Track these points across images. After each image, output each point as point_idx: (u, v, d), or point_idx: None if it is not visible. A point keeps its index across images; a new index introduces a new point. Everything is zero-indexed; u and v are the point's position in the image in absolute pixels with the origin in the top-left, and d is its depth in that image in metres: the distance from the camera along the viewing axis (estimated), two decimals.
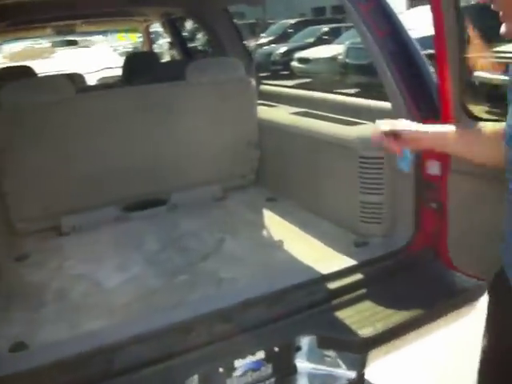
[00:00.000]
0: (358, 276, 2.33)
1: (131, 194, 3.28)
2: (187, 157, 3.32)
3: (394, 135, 1.70)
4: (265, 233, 2.95)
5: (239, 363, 1.97)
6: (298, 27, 20.26)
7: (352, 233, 2.72)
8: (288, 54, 17.19)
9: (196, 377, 1.89)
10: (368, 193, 2.63)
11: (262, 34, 20.16)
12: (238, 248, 2.73)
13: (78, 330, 2.09)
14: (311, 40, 17.71)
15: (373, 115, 2.80)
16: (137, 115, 3.13)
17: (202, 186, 3.44)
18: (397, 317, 2.14)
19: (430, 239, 2.40)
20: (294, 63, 16.33)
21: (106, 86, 4.35)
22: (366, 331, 2.06)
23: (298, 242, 2.73)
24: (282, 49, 17.89)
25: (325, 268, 2.34)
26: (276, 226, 2.99)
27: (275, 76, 15.58)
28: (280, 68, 17.27)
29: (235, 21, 4.39)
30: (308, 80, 15.31)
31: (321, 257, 2.50)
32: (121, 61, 5.44)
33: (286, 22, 21.41)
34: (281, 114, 3.39)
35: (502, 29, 1.29)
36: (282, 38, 19.89)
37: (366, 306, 2.22)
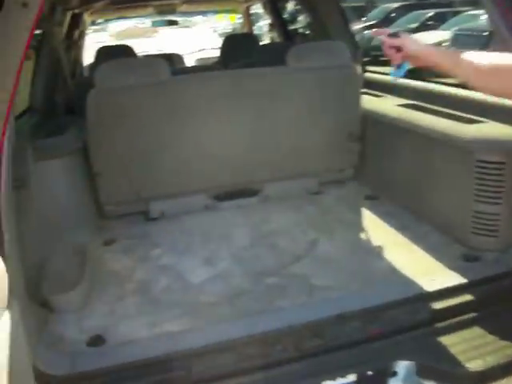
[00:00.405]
0: (468, 297, 2.06)
1: (222, 182, 3.13)
2: (283, 147, 3.12)
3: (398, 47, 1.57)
4: (363, 235, 2.70)
5: None
6: (401, 11, 19.35)
7: (461, 244, 2.42)
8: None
9: None
10: (484, 201, 2.31)
11: (362, 19, 19.57)
12: (332, 251, 2.51)
13: (157, 329, 1.98)
14: (415, 25, 16.75)
15: (495, 112, 2.50)
16: (232, 101, 2.96)
17: (297, 178, 3.24)
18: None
19: None
20: None
21: (202, 68, 4.22)
22: (474, 364, 1.82)
23: (398, 248, 2.47)
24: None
25: (429, 284, 2.10)
26: (375, 228, 2.74)
27: (375, 62, 15.03)
28: (380, 54, 16.63)
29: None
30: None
31: (424, 269, 2.24)
32: (220, 42, 5.32)
33: (389, 6, 20.52)
34: (387, 106, 3.10)
35: None
36: (384, 22, 19.03)
37: (476, 333, 1.95)
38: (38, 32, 3.38)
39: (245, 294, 2.18)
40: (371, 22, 19.34)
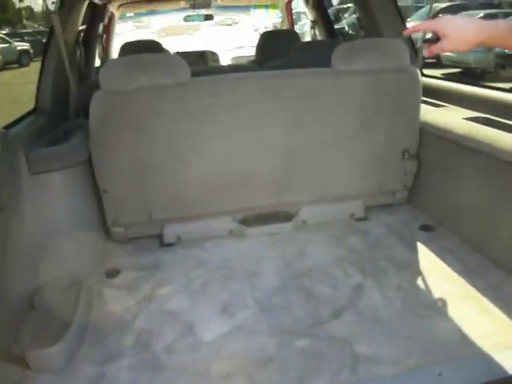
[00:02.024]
0: None
1: (250, 204, 2.65)
2: (324, 163, 2.62)
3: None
4: (420, 282, 2.16)
5: None
6: (449, 11, 18.66)
7: None
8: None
9: None
10: None
11: (408, 19, 18.85)
12: (381, 304, 1.99)
13: None
14: None
15: None
16: (262, 108, 2.45)
17: (340, 201, 2.73)
18: None
19: None
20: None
21: (233, 68, 3.72)
22: None
23: (466, 303, 1.95)
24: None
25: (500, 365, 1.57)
26: (435, 271, 2.20)
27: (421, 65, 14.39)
28: (426, 56, 15.95)
29: None
30: (456, 70, 13.89)
31: (506, 338, 1.71)
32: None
33: (437, 6, 19.80)
34: (450, 119, 2.56)
35: None
36: None
37: None
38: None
39: (269, 363, 1.69)
40: (418, 22, 18.70)
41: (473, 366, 1.61)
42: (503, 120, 2.37)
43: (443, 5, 20.30)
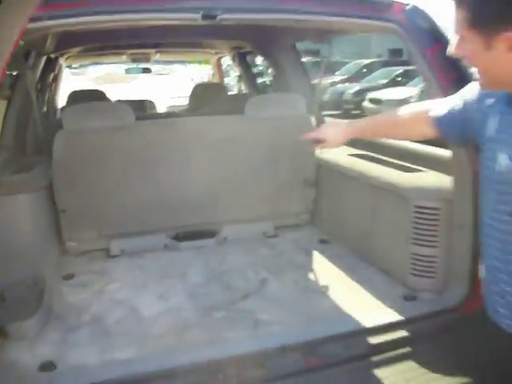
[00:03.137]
0: (403, 333, 2.20)
1: (182, 223, 3.27)
2: (241, 191, 3.29)
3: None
4: (311, 276, 2.85)
5: None
6: (372, 67, 20.08)
7: (401, 285, 2.58)
8: (360, 94, 17.04)
9: None
10: (421, 244, 2.50)
11: (336, 73, 20.22)
12: (280, 290, 2.65)
13: (108, 356, 2.07)
14: (385, 81, 17.43)
15: (431, 162, 2.73)
16: (192, 146, 3.13)
17: (254, 221, 3.40)
18: (442, 382, 2.00)
19: None
20: (366, 103, 16.10)
21: (170, 114, 4.41)
22: None
23: (343, 289, 2.63)
24: (354, 88, 17.78)
25: (368, 320, 2.24)
26: (324, 270, 2.90)
27: (346, 115, 15.44)
28: (351, 107, 17.12)
29: (309, 58, 4.36)
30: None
31: (365, 307, 2.39)
32: None
33: (361, 62, 21.28)
34: (339, 155, 3.31)
35: (477, 78, 1.41)
36: (356, 77, 19.73)
37: (409, 366, 2.09)
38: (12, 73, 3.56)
39: (193, 327, 2.30)
40: (344, 76, 20.05)
41: (339, 322, 2.28)
42: (376, 155, 3.15)
43: (367, 61, 21.90)
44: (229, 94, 5.43)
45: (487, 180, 1.42)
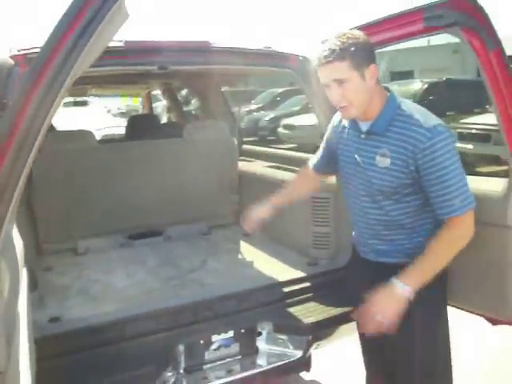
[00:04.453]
0: (307, 284, 3.14)
1: (135, 225, 4.10)
2: (181, 198, 4.17)
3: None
4: (239, 256, 3.76)
5: (215, 338, 2.73)
6: (285, 96, 20.69)
7: (306, 256, 3.53)
8: (275, 121, 17.95)
9: (182, 346, 2.66)
10: (319, 225, 3.46)
11: (252, 101, 21.26)
12: (217, 265, 3.54)
13: (97, 310, 2.86)
14: (297, 108, 18.29)
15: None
16: (143, 163, 4.01)
17: (192, 222, 4.27)
18: (333, 311, 2.94)
19: None
20: (280, 129, 16.99)
21: (121, 139, 5.29)
22: (310, 319, 2.87)
23: (264, 262, 3.54)
24: (269, 115, 18.72)
25: (283, 277, 3.16)
26: (249, 252, 3.81)
27: (262, 141, 16.30)
28: (267, 133, 17.99)
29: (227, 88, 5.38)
30: (292, 145, 15.71)
31: (280, 271, 3.31)
32: (114, 121, 6.33)
33: (275, 91, 21.93)
34: (255, 167, 4.28)
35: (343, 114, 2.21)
36: (271, 105, 20.53)
37: (311, 305, 3.03)
38: None
39: (156, 290, 3.15)
40: (260, 105, 21.01)
41: (262, 279, 3.18)
42: (284, 165, 4.14)
43: (280, 90, 22.99)
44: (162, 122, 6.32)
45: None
